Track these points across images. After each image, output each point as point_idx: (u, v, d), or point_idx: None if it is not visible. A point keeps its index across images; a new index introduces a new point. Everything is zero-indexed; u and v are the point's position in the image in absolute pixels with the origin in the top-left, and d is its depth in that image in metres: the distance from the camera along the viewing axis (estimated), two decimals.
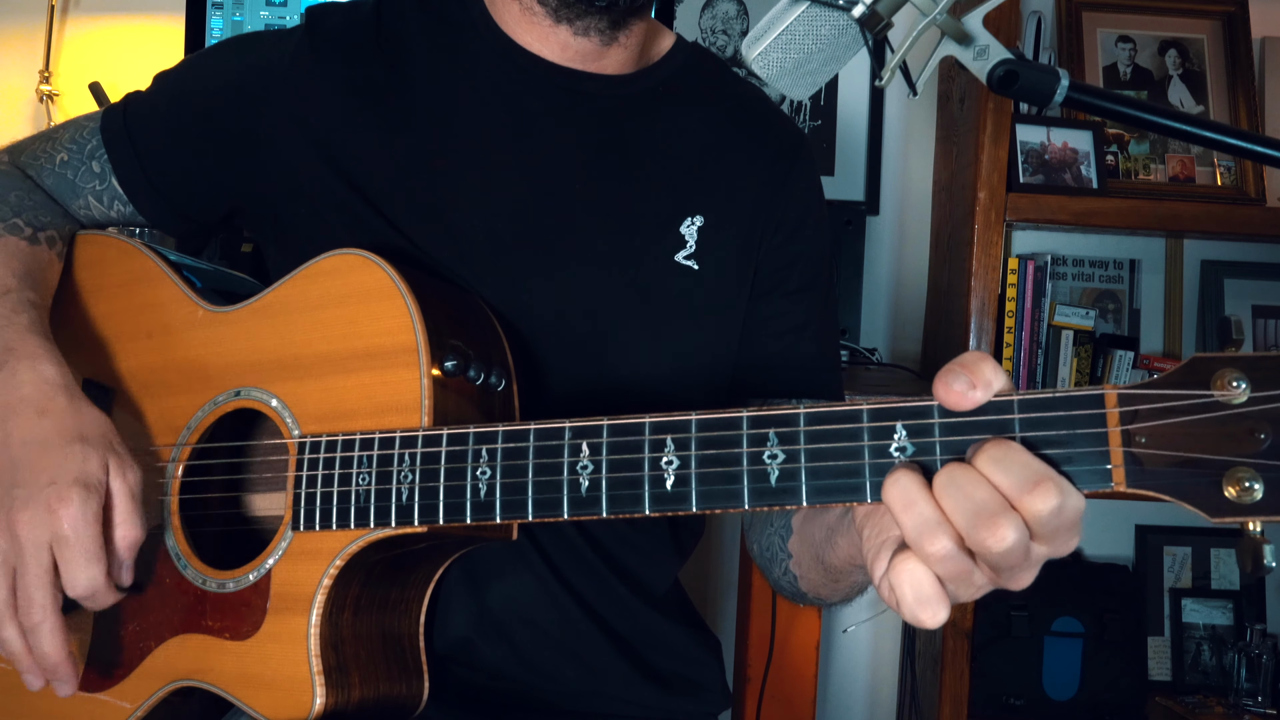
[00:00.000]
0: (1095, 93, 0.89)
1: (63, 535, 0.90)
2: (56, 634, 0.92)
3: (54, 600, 0.91)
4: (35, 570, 0.90)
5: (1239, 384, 0.64)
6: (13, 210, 1.11)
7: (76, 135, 1.19)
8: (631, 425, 0.80)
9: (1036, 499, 0.66)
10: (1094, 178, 2.24)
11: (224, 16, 2.24)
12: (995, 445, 0.68)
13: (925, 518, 0.68)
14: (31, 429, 0.94)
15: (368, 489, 0.91)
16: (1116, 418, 0.67)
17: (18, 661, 0.94)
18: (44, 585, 0.90)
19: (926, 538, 0.68)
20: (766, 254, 1.16)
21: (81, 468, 0.92)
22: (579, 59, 1.12)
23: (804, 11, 0.88)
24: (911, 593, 0.69)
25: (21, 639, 0.92)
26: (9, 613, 0.91)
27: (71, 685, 0.95)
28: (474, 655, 1.10)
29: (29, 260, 1.08)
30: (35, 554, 0.90)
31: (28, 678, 0.94)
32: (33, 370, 0.97)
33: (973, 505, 0.67)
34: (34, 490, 0.91)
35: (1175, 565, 2.44)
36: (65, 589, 0.91)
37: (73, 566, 0.90)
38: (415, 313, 0.94)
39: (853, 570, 0.91)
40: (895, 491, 0.69)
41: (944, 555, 0.68)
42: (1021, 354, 2.25)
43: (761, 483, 0.75)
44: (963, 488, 0.67)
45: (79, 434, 0.94)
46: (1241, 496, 0.64)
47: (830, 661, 2.49)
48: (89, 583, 0.91)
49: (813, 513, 0.97)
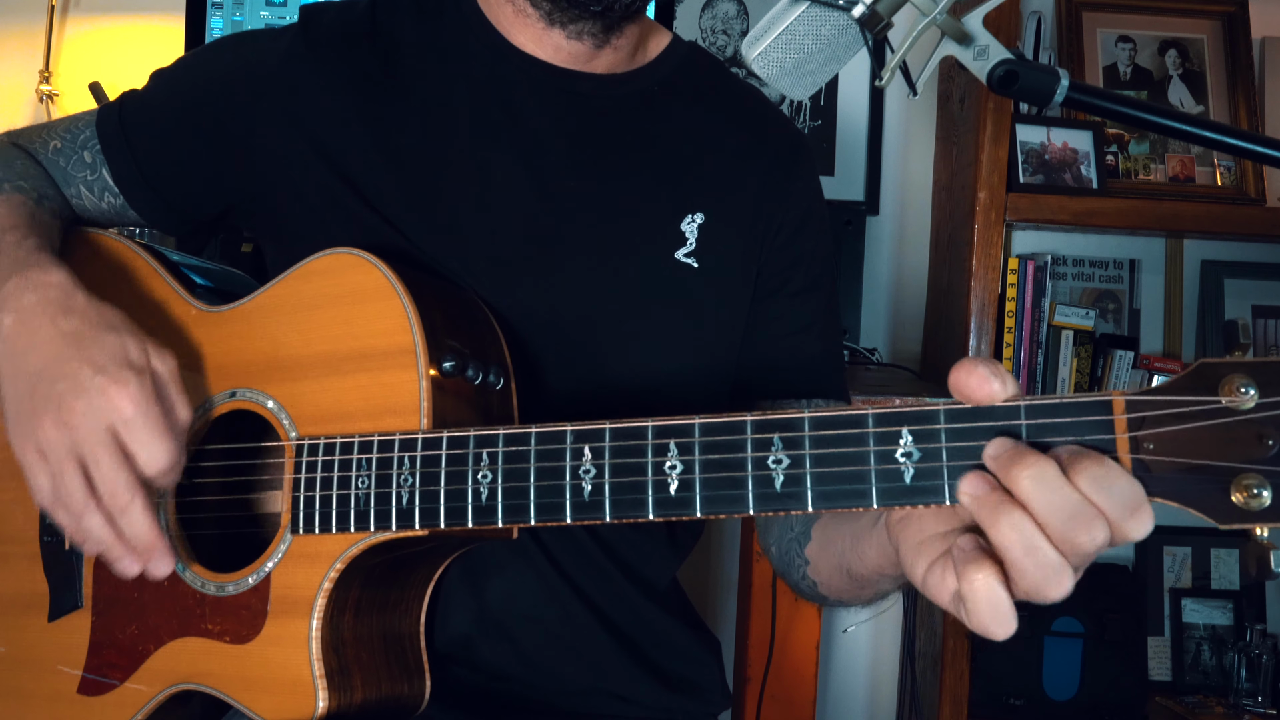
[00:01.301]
0: (1095, 93, 0.89)
1: (128, 417, 0.88)
2: (148, 511, 0.89)
3: (135, 480, 0.89)
4: (108, 455, 0.88)
5: (1247, 389, 0.63)
6: (19, 175, 1.12)
7: (71, 126, 1.20)
8: (634, 429, 0.80)
9: (1136, 526, 0.65)
10: (1094, 178, 2.24)
11: (224, 16, 2.24)
12: (1095, 464, 0.66)
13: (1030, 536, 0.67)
14: (60, 326, 0.92)
15: (367, 492, 0.91)
16: (1124, 424, 0.66)
17: (109, 551, 0.90)
18: (122, 466, 0.88)
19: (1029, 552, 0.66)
20: (769, 255, 1.16)
21: (125, 351, 0.90)
22: (572, 60, 1.12)
23: (804, 11, 0.88)
24: (988, 607, 0.67)
25: (108, 526, 0.89)
26: (91, 502, 0.89)
27: (169, 560, 0.92)
28: (475, 653, 1.09)
29: (35, 214, 1.08)
30: (101, 439, 0.88)
31: (122, 564, 0.91)
32: (45, 275, 0.96)
33: (1069, 506, 0.66)
34: (80, 381, 0.89)
35: (1175, 565, 2.44)
36: (143, 468, 0.89)
37: (148, 444, 0.88)
38: (412, 313, 0.93)
39: (879, 579, 0.89)
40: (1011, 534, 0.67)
41: (1044, 565, 0.66)
42: (1021, 354, 2.25)
43: (766, 488, 0.74)
44: (1058, 490, 0.66)
45: (108, 324, 0.93)
46: (1249, 502, 0.63)
47: (830, 661, 2.48)
48: (167, 456, 0.88)
49: (836, 521, 0.96)
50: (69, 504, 0.89)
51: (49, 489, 0.90)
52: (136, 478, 0.89)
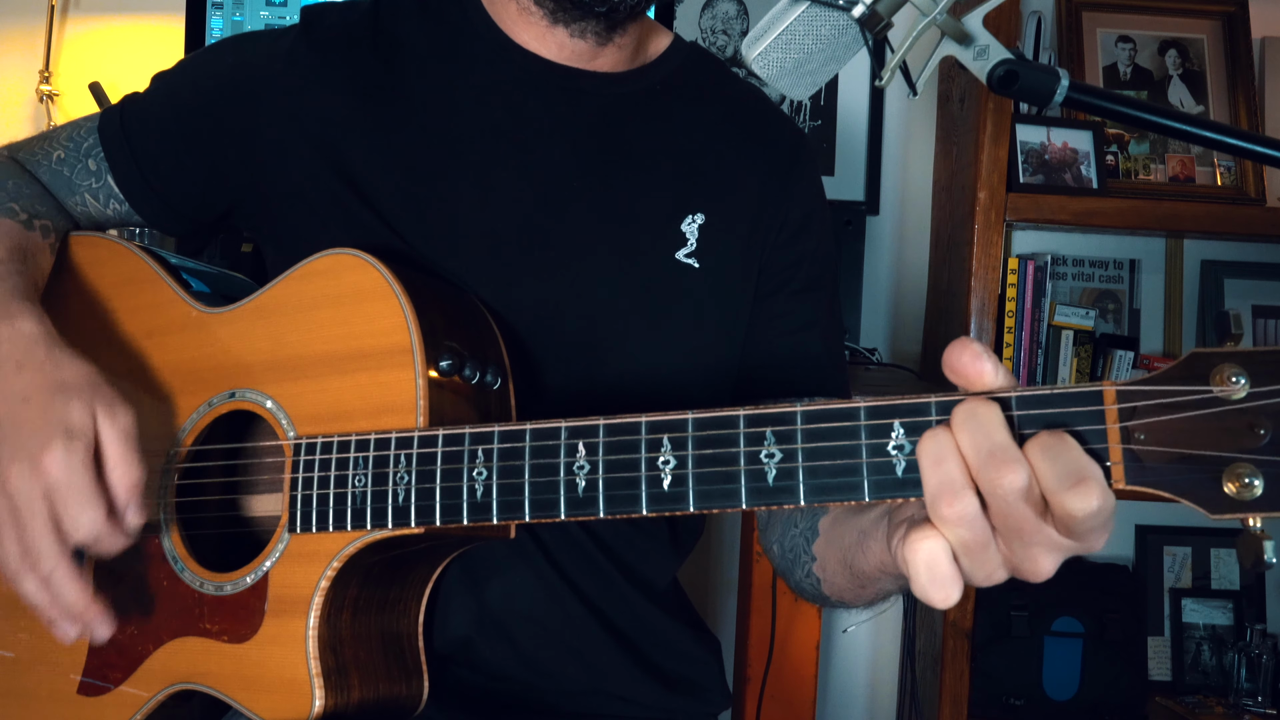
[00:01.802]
0: (1095, 93, 0.89)
1: (52, 484, 0.89)
2: (71, 579, 0.90)
3: (60, 547, 0.90)
4: (35, 521, 0.89)
5: (1238, 379, 0.63)
6: (9, 196, 1.11)
7: (74, 134, 1.20)
8: (628, 425, 0.80)
9: (1074, 498, 0.64)
10: (1094, 178, 2.24)
11: (224, 16, 2.24)
12: (1050, 435, 0.66)
13: (951, 476, 0.66)
14: (11, 384, 0.93)
15: (364, 490, 0.91)
16: (1115, 414, 0.66)
17: (44, 613, 0.92)
18: (46, 534, 0.89)
19: (946, 498, 0.66)
20: (771, 254, 1.16)
21: (63, 416, 0.90)
22: (574, 58, 1.12)
23: (804, 11, 0.88)
24: (925, 569, 0.67)
25: (43, 590, 0.91)
26: (24, 566, 0.90)
27: (105, 627, 0.93)
28: (474, 654, 1.09)
29: (22, 240, 1.08)
30: (31, 506, 0.89)
31: (60, 628, 0.92)
32: (9, 327, 0.96)
33: (990, 444, 0.65)
34: (19, 445, 0.90)
35: (1175, 565, 2.44)
36: (67, 535, 0.90)
37: (70, 513, 0.89)
38: (409, 313, 0.93)
39: (881, 577, 0.89)
40: (929, 444, 0.67)
41: (961, 517, 0.66)
42: (1021, 354, 2.25)
43: (759, 482, 0.75)
44: (983, 425, 0.65)
45: (59, 384, 0.93)
46: (1241, 493, 0.63)
47: (830, 661, 2.48)
48: (89, 525, 0.89)
49: (844, 515, 0.96)
50: (6, 565, 0.91)
51: None
52: (63, 545, 0.90)
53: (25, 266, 1.05)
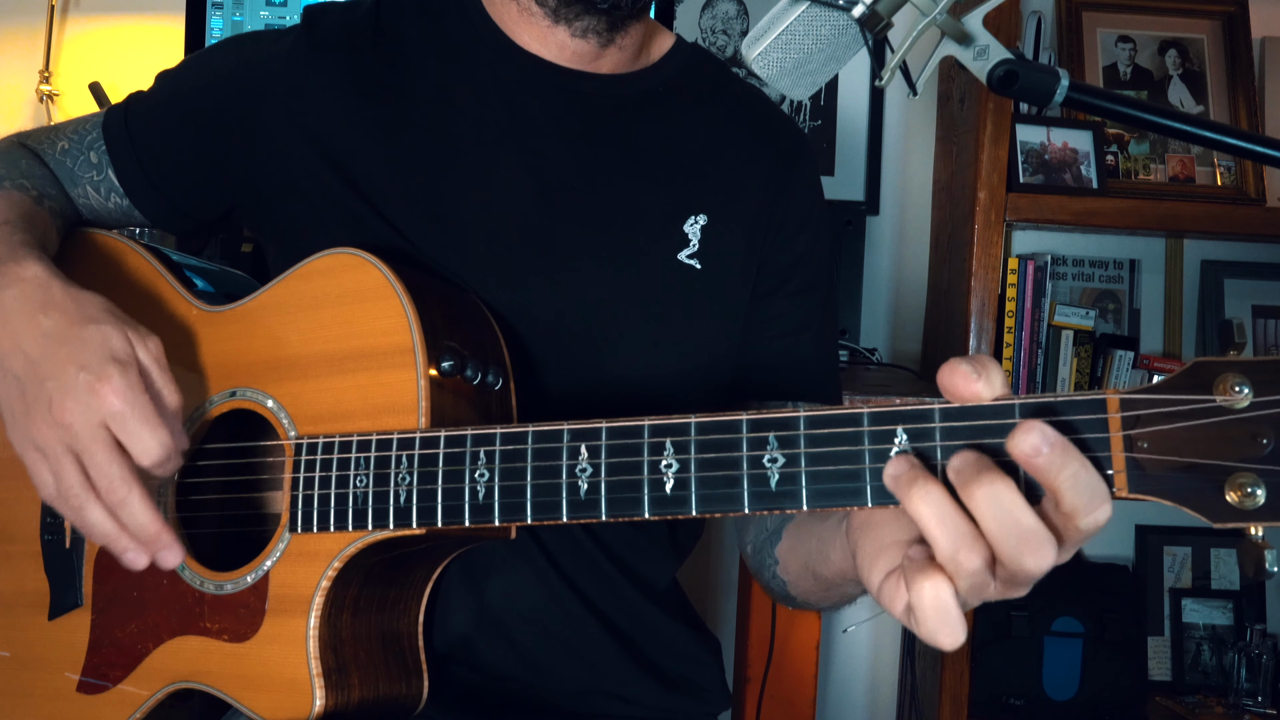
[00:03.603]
0: (1095, 93, 0.89)
1: (116, 411, 0.88)
2: (146, 502, 0.89)
3: (130, 473, 0.89)
4: (102, 450, 0.88)
5: (1241, 388, 0.63)
6: (21, 174, 1.12)
7: (79, 128, 1.21)
8: (630, 428, 0.80)
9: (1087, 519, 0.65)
10: (1094, 178, 2.24)
11: (224, 16, 2.24)
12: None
13: (962, 533, 0.66)
14: (40, 324, 0.92)
15: (365, 491, 0.91)
16: (1119, 423, 0.66)
17: (114, 543, 0.90)
18: (116, 460, 0.88)
19: (965, 554, 0.66)
20: (769, 254, 1.16)
21: (107, 345, 0.90)
22: (576, 59, 1.12)
23: (804, 11, 0.88)
24: (935, 615, 0.67)
25: (111, 519, 0.90)
26: (90, 496, 0.89)
27: (177, 550, 0.91)
28: (474, 654, 1.10)
29: (31, 211, 1.08)
30: (95, 435, 0.88)
31: (129, 556, 0.91)
32: (20, 270, 0.96)
33: (1019, 530, 0.65)
34: (66, 380, 0.89)
35: (1175, 565, 2.44)
36: (138, 459, 0.89)
37: (139, 436, 0.88)
38: (411, 313, 0.93)
39: (843, 583, 0.90)
40: (927, 508, 0.67)
41: (976, 571, 0.66)
42: (1021, 354, 2.25)
43: (761, 486, 0.75)
44: (1010, 512, 0.65)
45: (88, 317, 0.92)
46: (1244, 502, 0.63)
47: (830, 661, 2.48)
48: (160, 446, 0.89)
49: (805, 522, 0.96)
50: (69, 499, 0.89)
51: (52, 485, 0.90)
52: (132, 470, 0.89)
53: (33, 231, 1.05)
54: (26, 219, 1.06)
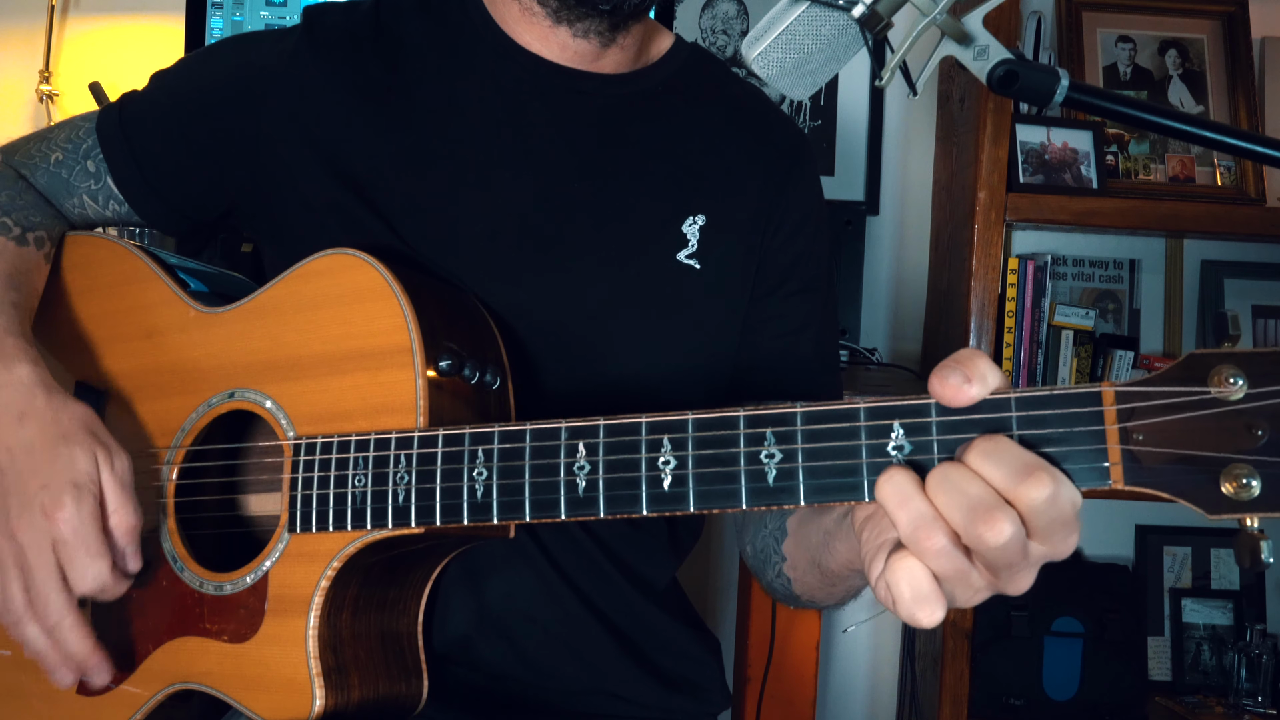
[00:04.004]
0: (1095, 93, 0.89)
1: (62, 538, 0.91)
2: (77, 629, 0.93)
3: (68, 598, 0.92)
4: (43, 573, 0.92)
5: (1236, 380, 0.64)
6: (3, 210, 1.11)
7: (72, 135, 1.19)
8: (628, 425, 0.80)
9: (1030, 488, 0.65)
10: (1094, 178, 2.24)
11: (224, 16, 2.24)
12: (985, 440, 0.68)
13: (920, 513, 0.68)
14: (15, 434, 0.95)
15: (364, 490, 0.91)
16: (1114, 415, 0.67)
17: (45, 659, 0.94)
18: (55, 586, 0.92)
19: (922, 533, 0.68)
20: (768, 254, 1.16)
21: (71, 469, 0.93)
22: (577, 59, 1.12)
23: (804, 11, 0.88)
24: (909, 591, 0.68)
25: (45, 638, 0.94)
26: (28, 614, 0.93)
27: (105, 674, 0.96)
28: (474, 654, 1.10)
29: (15, 260, 1.08)
30: (40, 557, 0.92)
31: (58, 674, 0.95)
32: (7, 372, 0.97)
33: (967, 500, 0.66)
34: (27, 496, 0.92)
35: (1175, 565, 2.44)
36: (74, 586, 0.92)
37: (77, 566, 0.92)
38: (409, 313, 0.93)
39: (850, 575, 0.90)
40: (889, 489, 0.69)
41: (940, 551, 0.67)
42: (1021, 354, 2.25)
43: (759, 482, 0.75)
44: (956, 483, 0.67)
45: (62, 433, 0.95)
46: (1239, 493, 0.64)
47: (830, 661, 2.48)
48: (95, 578, 0.92)
49: (810, 516, 0.97)
50: (9, 612, 0.93)
51: None
52: (71, 596, 0.93)
53: (19, 294, 1.06)
54: (11, 279, 1.07)
